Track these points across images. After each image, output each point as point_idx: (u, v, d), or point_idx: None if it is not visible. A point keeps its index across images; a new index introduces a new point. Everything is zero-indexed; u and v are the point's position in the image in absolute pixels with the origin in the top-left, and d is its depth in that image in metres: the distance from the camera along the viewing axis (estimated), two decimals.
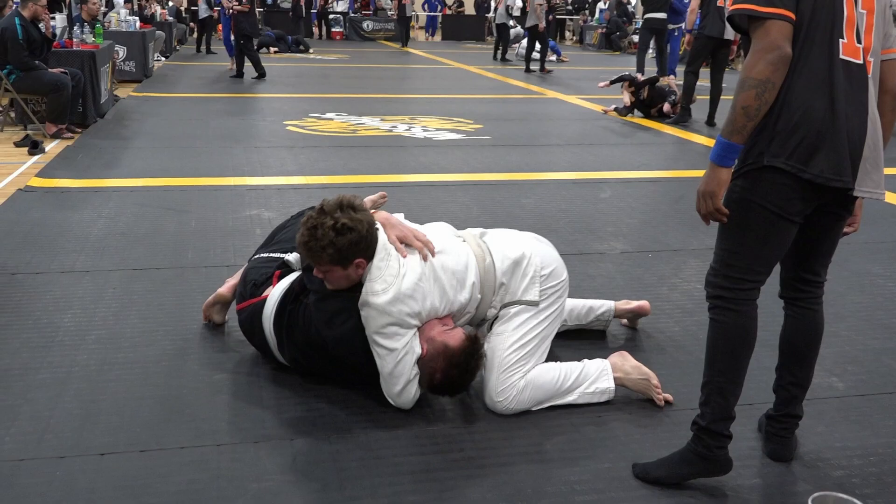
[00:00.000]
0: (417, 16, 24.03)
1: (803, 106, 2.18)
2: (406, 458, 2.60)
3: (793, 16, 2.15)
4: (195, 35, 19.77)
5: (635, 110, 10.45)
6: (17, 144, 7.43)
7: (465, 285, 2.88)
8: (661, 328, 3.69)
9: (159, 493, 2.37)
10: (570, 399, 2.94)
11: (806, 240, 2.43)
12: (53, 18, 9.06)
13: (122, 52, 12.36)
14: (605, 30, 24.00)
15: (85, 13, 9.63)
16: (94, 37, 9.51)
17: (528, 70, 16.41)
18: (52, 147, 7.53)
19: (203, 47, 18.63)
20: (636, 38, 19.59)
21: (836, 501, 1.36)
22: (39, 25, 8.06)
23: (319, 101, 11.10)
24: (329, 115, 9.88)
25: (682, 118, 9.66)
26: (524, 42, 17.45)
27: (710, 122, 9.60)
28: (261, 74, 13.58)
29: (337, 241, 2.67)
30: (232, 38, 14.26)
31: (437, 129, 9.02)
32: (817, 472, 2.58)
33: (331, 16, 25.77)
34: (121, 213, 5.34)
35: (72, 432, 2.68)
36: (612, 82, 10.73)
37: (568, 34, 28.99)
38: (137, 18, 13.33)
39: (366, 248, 2.74)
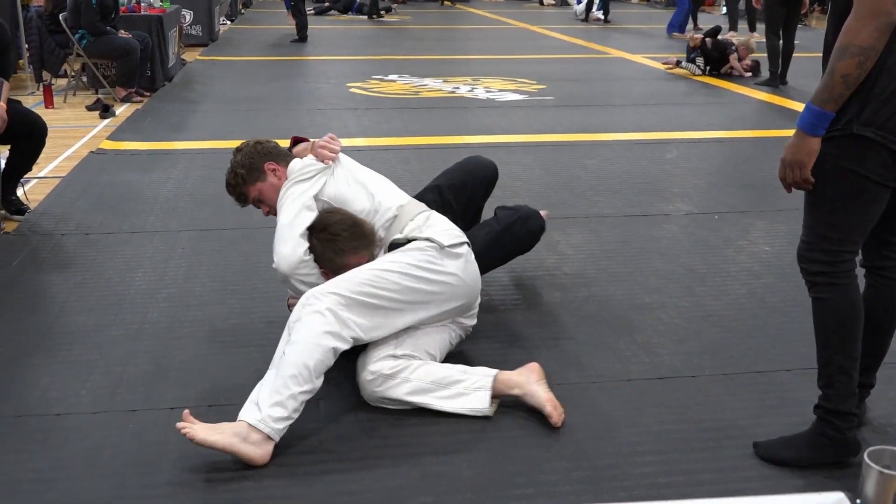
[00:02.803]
0: None
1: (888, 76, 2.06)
2: (465, 417, 2.62)
3: None
4: None
5: (707, 68, 10.16)
6: (89, 108, 7.61)
7: (367, 193, 2.91)
8: (728, 291, 3.63)
9: None
10: (423, 399, 2.60)
11: (890, 215, 2.30)
12: None
13: (188, 16, 12.50)
14: None
15: None
16: (161, 1, 9.64)
17: (585, 19, 17.33)
18: (123, 110, 7.69)
19: None
20: None
21: (893, 455, 1.33)
22: None
23: (382, 63, 11.09)
24: (392, 76, 9.87)
25: (771, 82, 9.29)
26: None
27: (782, 80, 9.31)
28: (301, 38, 13.50)
29: (237, 163, 3.05)
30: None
31: (500, 90, 8.94)
32: (886, 438, 2.53)
33: None
34: (188, 174, 5.44)
35: (143, 387, 2.77)
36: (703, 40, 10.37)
37: None
38: None
39: (265, 153, 3.00)
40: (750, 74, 10.04)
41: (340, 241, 2.74)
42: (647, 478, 2.33)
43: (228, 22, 16.61)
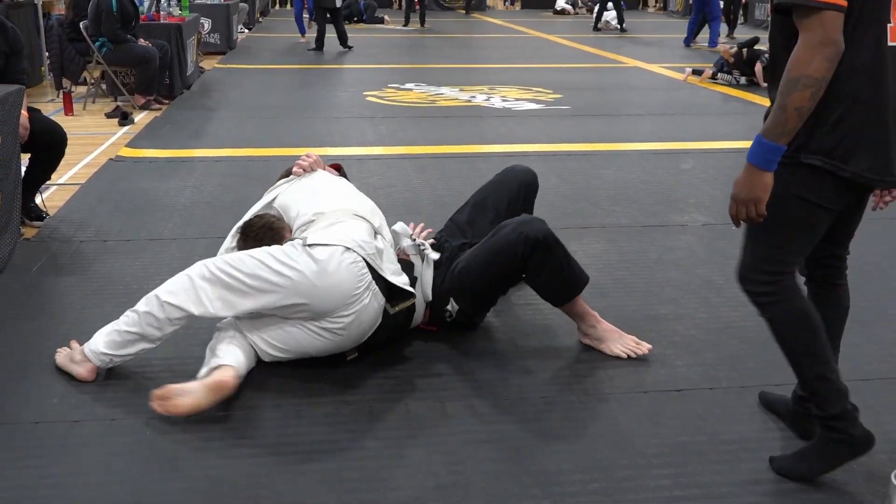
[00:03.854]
0: None
1: (848, 99, 2.03)
2: (478, 426, 2.62)
3: (846, 3, 1.96)
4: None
5: (741, 77, 10.10)
6: (108, 115, 7.68)
7: (306, 203, 3.08)
8: (744, 302, 3.56)
9: (251, 444, 2.46)
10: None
11: (839, 219, 2.28)
12: None
13: (207, 24, 12.59)
14: None
15: None
16: (180, 9, 9.72)
17: (596, 27, 17.75)
18: (141, 118, 7.75)
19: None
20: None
21: None
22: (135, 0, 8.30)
23: (399, 72, 11.13)
24: (408, 85, 9.90)
25: None
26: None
27: None
28: (317, 47, 13.58)
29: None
30: (305, 14, 14.51)
31: (516, 99, 8.95)
32: None
33: None
34: (206, 182, 5.47)
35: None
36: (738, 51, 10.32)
37: (651, 0, 28.31)
38: None
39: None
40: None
41: (247, 240, 3.05)
42: (663, 490, 2.31)
43: (246, 30, 16.72)
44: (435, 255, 3.19)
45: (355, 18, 19.91)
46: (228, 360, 2.72)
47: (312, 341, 2.83)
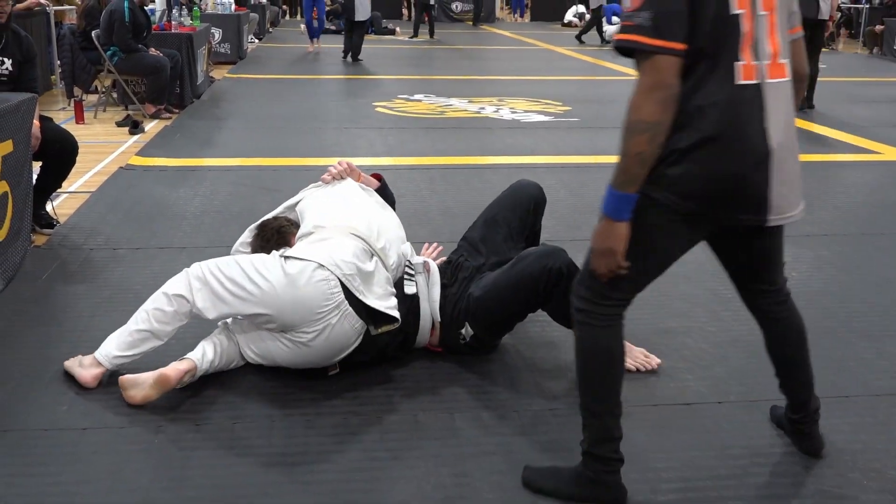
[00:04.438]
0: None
1: (694, 138, 1.97)
2: (486, 438, 2.62)
3: (682, 46, 1.91)
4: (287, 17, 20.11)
5: None
6: (119, 124, 7.71)
7: (316, 213, 3.17)
8: None
9: (260, 453, 2.46)
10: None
11: (742, 263, 2.29)
12: (153, 1, 9.34)
13: (217, 34, 12.65)
14: None
15: None
16: (191, 19, 9.77)
17: (579, 40, 18.10)
18: (151, 127, 7.78)
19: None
20: None
21: None
22: (147, 9, 8.35)
23: (408, 83, 11.16)
24: (417, 96, 9.93)
25: (797, 106, 9.23)
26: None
27: (809, 104, 9.27)
28: (344, 56, 13.78)
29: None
30: (314, 21, 14.69)
31: (525, 111, 8.97)
32: None
33: None
34: (216, 191, 5.49)
35: (170, 402, 2.78)
36: None
37: None
38: (233, 1, 13.62)
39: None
40: None
41: (257, 238, 3.24)
42: None
43: (256, 40, 16.80)
44: (413, 286, 3.12)
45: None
46: (195, 354, 2.85)
47: (282, 352, 2.86)
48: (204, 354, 2.86)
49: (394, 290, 3.00)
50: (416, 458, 2.50)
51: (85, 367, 2.88)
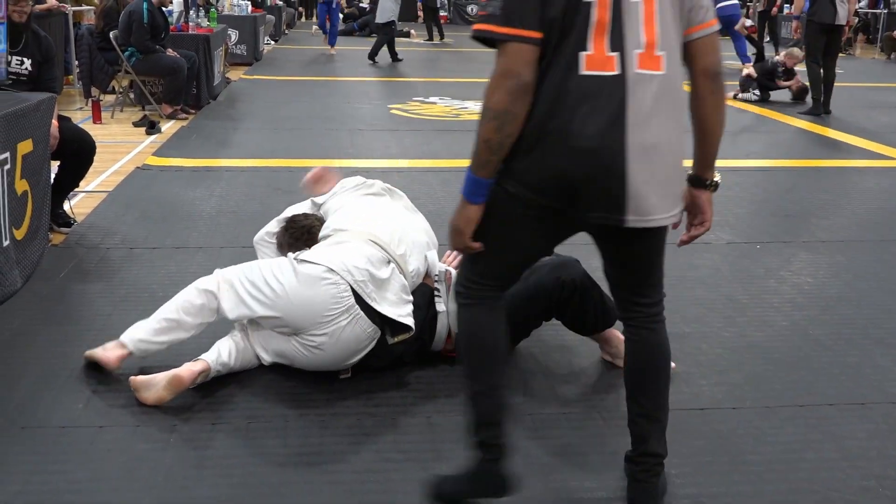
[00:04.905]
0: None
1: (536, 128, 1.93)
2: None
3: (537, 34, 1.87)
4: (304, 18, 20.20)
5: (763, 96, 10.14)
6: (136, 124, 7.76)
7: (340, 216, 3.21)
8: (770, 322, 3.59)
9: (274, 453, 2.47)
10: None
11: (614, 267, 2.18)
12: (171, 3, 9.39)
13: (234, 35, 12.72)
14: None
15: None
16: (208, 21, 9.82)
17: None
18: (168, 127, 7.83)
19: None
20: (749, 22, 19.18)
21: None
22: (165, 10, 8.40)
23: (423, 85, 11.18)
24: (432, 98, 9.94)
25: (814, 111, 9.19)
26: None
27: (825, 109, 9.22)
28: (393, 60, 14.11)
29: None
30: (327, 23, 14.82)
31: None
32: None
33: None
34: (231, 192, 5.52)
35: (185, 402, 2.79)
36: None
37: None
38: (249, 3, 13.68)
39: None
40: (794, 85, 10.01)
41: (285, 234, 3.27)
42: None
43: (272, 42, 16.86)
44: (443, 303, 3.11)
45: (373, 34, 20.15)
46: (209, 355, 2.86)
47: (295, 354, 2.89)
48: (218, 356, 2.88)
49: (410, 297, 2.98)
50: (430, 459, 2.50)
51: (108, 350, 2.94)
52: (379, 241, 2.98)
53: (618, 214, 1.96)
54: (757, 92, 10.12)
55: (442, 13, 25.71)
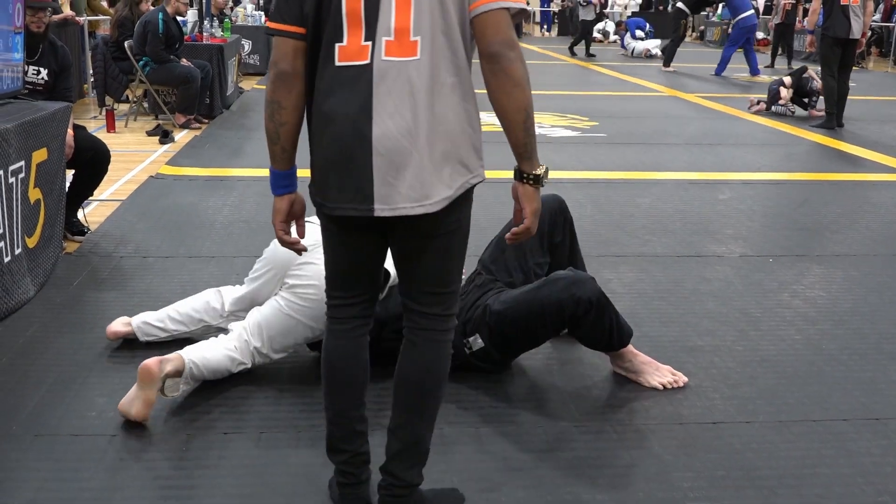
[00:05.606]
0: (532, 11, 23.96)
1: (310, 127, 2.01)
2: (513, 454, 2.61)
3: (299, 30, 1.93)
4: None
5: (795, 108, 10.12)
6: (149, 133, 7.80)
7: None
8: (783, 336, 3.57)
9: (286, 461, 2.47)
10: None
11: (397, 261, 2.11)
12: (186, 13, 9.45)
13: (247, 45, 12.79)
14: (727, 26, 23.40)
15: (214, 7, 10.02)
16: (222, 31, 9.88)
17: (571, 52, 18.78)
18: (182, 137, 7.87)
19: None
20: (760, 35, 19.19)
21: None
22: (179, 21, 8.46)
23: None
24: None
25: (828, 124, 9.16)
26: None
27: (839, 122, 9.20)
28: None
29: None
30: None
31: (552, 126, 8.97)
32: None
33: None
34: (244, 201, 5.54)
35: (199, 411, 2.80)
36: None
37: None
38: (263, 13, 13.75)
39: None
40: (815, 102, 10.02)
41: None
42: None
43: None
44: None
45: None
46: (185, 350, 2.86)
47: (296, 324, 2.90)
48: (195, 348, 2.88)
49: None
50: (441, 471, 2.49)
51: (115, 322, 3.26)
52: None
53: (368, 204, 1.93)
54: (792, 108, 10.08)
55: None
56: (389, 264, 2.79)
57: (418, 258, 2.05)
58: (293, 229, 2.15)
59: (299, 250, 2.15)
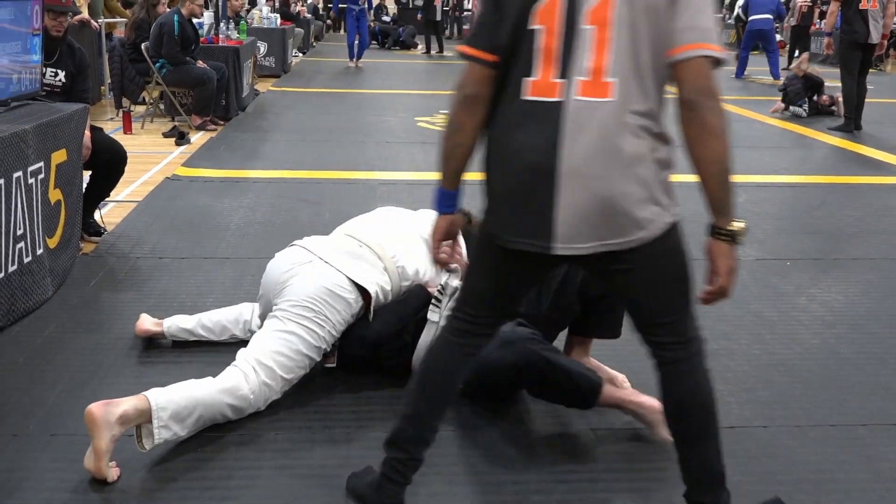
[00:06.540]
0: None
1: (486, 150, 2.01)
2: (529, 458, 2.60)
3: (489, 57, 1.94)
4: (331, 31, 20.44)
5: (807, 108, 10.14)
6: (166, 135, 7.84)
7: None
8: (799, 340, 3.55)
9: (301, 466, 2.47)
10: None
11: (622, 301, 2.12)
12: (202, 15, 9.50)
13: (263, 47, 12.82)
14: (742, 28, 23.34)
15: (230, 9, 10.07)
16: (238, 33, 9.91)
17: None
18: (197, 138, 7.90)
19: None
20: (778, 37, 19.12)
21: None
22: (195, 23, 8.50)
23: (449, 98, 11.19)
24: None
25: (846, 127, 9.10)
26: None
27: (857, 125, 9.13)
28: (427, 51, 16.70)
29: None
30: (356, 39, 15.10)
31: None
32: None
33: (464, 13, 25.98)
34: (259, 203, 5.55)
35: None
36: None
37: None
38: (278, 15, 13.81)
39: None
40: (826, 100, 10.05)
41: None
42: None
43: (300, 54, 16.99)
44: (437, 314, 2.95)
45: (386, 45, 20.61)
46: (152, 390, 2.54)
47: (299, 338, 2.77)
48: (169, 389, 2.56)
49: (386, 277, 2.94)
50: (457, 473, 2.49)
51: (144, 319, 3.30)
52: (355, 235, 3.05)
53: (547, 241, 1.92)
54: (806, 107, 10.09)
55: (468, 27, 25.87)
56: (367, 281, 2.86)
57: (625, 293, 2.05)
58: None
59: (450, 270, 2.25)
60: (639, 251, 1.93)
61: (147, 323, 3.30)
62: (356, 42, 15.50)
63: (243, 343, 3.04)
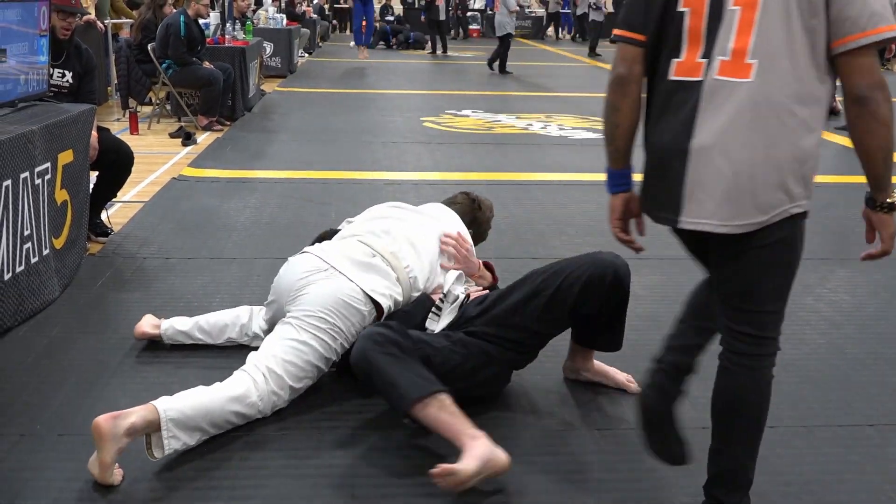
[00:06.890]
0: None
1: (644, 138, 2.09)
2: (539, 457, 2.60)
3: (640, 37, 2.01)
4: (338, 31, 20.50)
5: None
6: (172, 135, 7.85)
7: None
8: (807, 340, 3.54)
9: (309, 466, 2.47)
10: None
11: (716, 276, 2.12)
12: (208, 16, 9.51)
13: (269, 48, 12.84)
14: None
15: (236, 10, 10.08)
16: (244, 33, 9.93)
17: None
18: (204, 139, 7.91)
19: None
20: None
21: None
22: (202, 23, 8.51)
23: (456, 98, 11.20)
24: (465, 111, 9.96)
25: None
26: None
27: None
28: (433, 51, 17.30)
29: None
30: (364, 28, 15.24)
31: (573, 128, 8.95)
32: None
33: (469, 13, 25.97)
34: (266, 203, 5.56)
35: None
36: None
37: None
38: (284, 16, 13.82)
39: None
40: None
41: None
42: None
43: (306, 55, 17.00)
44: (436, 323, 2.96)
45: (392, 45, 20.83)
46: (161, 399, 2.52)
47: (311, 349, 2.76)
48: (180, 394, 2.57)
49: (399, 288, 2.93)
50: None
51: (144, 321, 3.29)
52: (368, 242, 3.03)
53: (676, 215, 2.00)
54: None
55: (474, 27, 25.85)
56: (381, 295, 2.86)
57: (725, 271, 2.06)
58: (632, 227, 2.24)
59: (636, 249, 2.23)
60: (755, 234, 1.96)
61: (145, 325, 3.28)
62: (363, 27, 15.74)
63: (242, 346, 3.05)
